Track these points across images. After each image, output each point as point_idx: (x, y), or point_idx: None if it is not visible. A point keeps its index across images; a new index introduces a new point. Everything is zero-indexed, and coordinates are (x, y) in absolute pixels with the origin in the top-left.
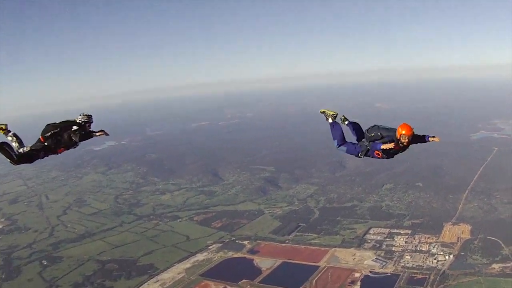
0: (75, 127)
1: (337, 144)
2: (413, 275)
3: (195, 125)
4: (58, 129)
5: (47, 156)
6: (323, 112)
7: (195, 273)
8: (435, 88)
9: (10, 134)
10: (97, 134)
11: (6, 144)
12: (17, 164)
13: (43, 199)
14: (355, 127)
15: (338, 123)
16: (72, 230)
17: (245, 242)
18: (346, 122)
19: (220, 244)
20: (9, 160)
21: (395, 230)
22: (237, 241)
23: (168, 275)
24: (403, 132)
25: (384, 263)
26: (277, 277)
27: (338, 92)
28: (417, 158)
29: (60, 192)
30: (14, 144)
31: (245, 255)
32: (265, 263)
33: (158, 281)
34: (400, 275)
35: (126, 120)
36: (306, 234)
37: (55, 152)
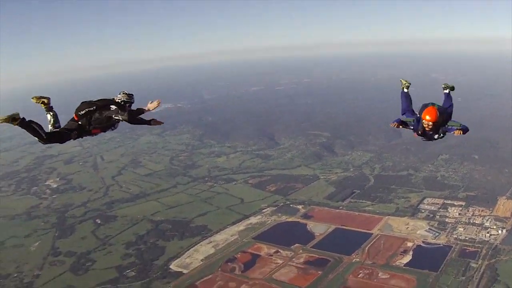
0: (113, 107)
1: (401, 113)
2: (465, 247)
3: (252, 89)
4: (94, 107)
5: (81, 137)
6: (401, 81)
7: (248, 236)
8: (493, 59)
9: (51, 112)
10: (151, 122)
11: (34, 123)
12: (46, 143)
13: (98, 160)
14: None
15: (408, 93)
16: (127, 190)
17: (299, 207)
18: (405, 90)
19: (274, 208)
20: (37, 139)
21: (449, 201)
22: (291, 205)
23: (221, 237)
24: (427, 117)
25: (437, 234)
26: (330, 243)
27: (393, 61)
28: (473, 130)
29: (115, 153)
30: (51, 120)
31: (299, 220)
32: (318, 228)
33: (211, 242)
34: (452, 246)
35: (183, 83)
36: (360, 201)
37: (90, 133)
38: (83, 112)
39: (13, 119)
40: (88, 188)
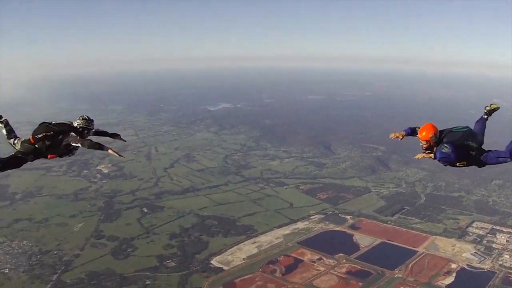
0: (72, 134)
1: None
2: (509, 275)
3: (313, 97)
4: (51, 132)
5: (36, 159)
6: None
7: (293, 240)
8: None
9: (2, 119)
10: (109, 150)
11: None
12: (2, 171)
13: (152, 151)
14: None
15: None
16: (177, 183)
17: (348, 217)
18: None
19: (323, 216)
20: None
21: (498, 227)
22: (339, 215)
23: (266, 238)
24: (423, 133)
25: (482, 259)
26: (374, 256)
27: (454, 81)
28: None
29: (170, 146)
30: (3, 131)
31: (346, 230)
32: (364, 240)
33: (255, 242)
34: (496, 272)
35: (244, 84)
36: (409, 217)
37: (46, 157)
38: (39, 136)
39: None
40: (139, 177)
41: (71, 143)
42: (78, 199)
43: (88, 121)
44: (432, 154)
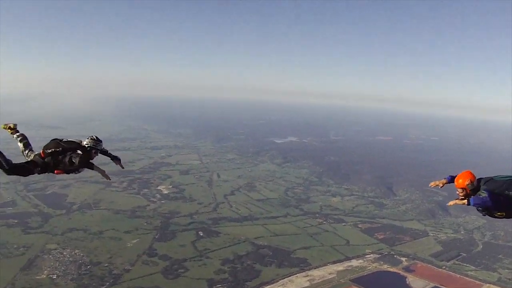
0: (79, 152)
1: None
2: None
3: (380, 138)
4: (60, 148)
5: (44, 173)
6: None
7: (345, 277)
8: None
9: (17, 134)
10: (100, 171)
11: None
12: (9, 175)
13: (214, 177)
14: None
15: None
16: (236, 211)
17: (403, 259)
18: None
19: (378, 255)
20: (1, 169)
21: None
22: (395, 256)
23: (319, 273)
24: (458, 181)
25: None
26: None
27: None
28: None
29: (232, 174)
30: (20, 145)
31: (400, 271)
32: (417, 283)
33: (307, 276)
34: None
35: (313, 120)
36: (465, 264)
37: (52, 171)
38: (49, 151)
39: (10, 127)
40: (198, 201)
41: (72, 160)
42: (135, 216)
43: (96, 141)
44: (466, 201)
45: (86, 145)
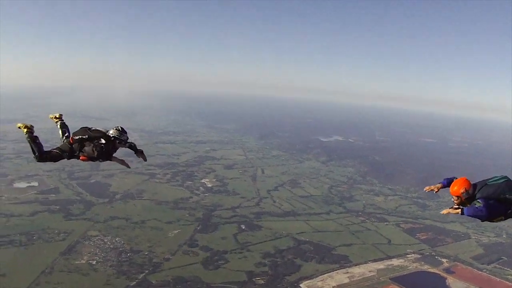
0: (102, 140)
1: None
2: None
3: (425, 140)
4: (86, 136)
5: (71, 158)
6: None
7: (385, 276)
8: None
9: (60, 123)
10: (119, 160)
11: (38, 139)
12: (40, 161)
13: (258, 172)
14: None
15: None
16: (279, 206)
17: (444, 260)
18: None
19: (419, 256)
20: (33, 154)
21: None
22: (436, 257)
23: (359, 270)
24: (453, 188)
25: None
26: None
27: None
28: None
29: (277, 170)
30: (59, 132)
31: (440, 272)
32: (457, 285)
33: (347, 272)
34: None
35: (358, 121)
36: (506, 268)
37: (77, 157)
38: (77, 137)
39: (26, 127)
40: (242, 195)
41: (93, 148)
42: (178, 208)
43: (121, 132)
44: (459, 210)
45: (111, 135)
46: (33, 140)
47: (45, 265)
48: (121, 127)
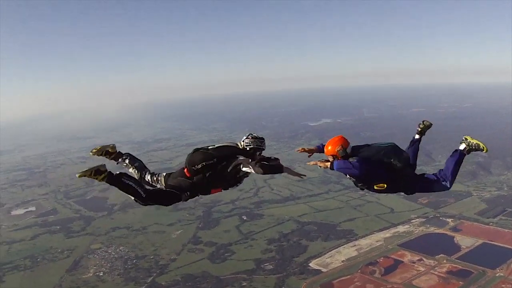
0: (240, 157)
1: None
2: None
3: (413, 110)
4: (215, 159)
5: (193, 197)
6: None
7: (393, 243)
8: None
9: (122, 158)
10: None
11: (126, 176)
12: (147, 205)
13: None
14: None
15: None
16: (277, 193)
17: (449, 220)
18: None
19: (424, 219)
20: (133, 198)
21: None
22: (441, 218)
23: (366, 242)
24: (327, 148)
25: None
26: (475, 256)
27: None
28: None
29: None
30: (132, 171)
31: (447, 232)
32: (465, 242)
33: (354, 245)
34: None
35: (344, 102)
36: (511, 219)
37: (207, 192)
38: (199, 166)
39: (97, 172)
40: (239, 188)
41: (242, 167)
42: (177, 209)
43: (259, 139)
44: (329, 163)
45: (246, 147)
46: (118, 180)
47: (52, 284)
48: (256, 134)
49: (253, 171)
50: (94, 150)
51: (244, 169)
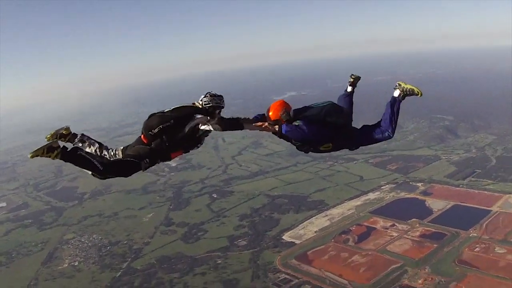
0: (198, 115)
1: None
2: None
3: (377, 79)
4: (171, 121)
5: (153, 165)
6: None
7: (364, 210)
8: None
9: (77, 138)
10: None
11: (81, 150)
12: (105, 178)
13: (219, 142)
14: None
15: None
16: (246, 169)
17: (419, 184)
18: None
19: (393, 185)
20: (91, 172)
21: None
22: (410, 183)
23: (337, 211)
24: (269, 114)
25: None
26: (448, 218)
27: None
28: None
29: (237, 136)
30: (89, 150)
31: (418, 196)
32: (437, 205)
33: (326, 215)
34: None
35: (306, 75)
36: (481, 180)
37: (167, 158)
38: (156, 130)
39: (50, 149)
40: (207, 166)
41: (200, 126)
42: (147, 192)
43: (218, 97)
44: (277, 127)
45: (205, 105)
46: (74, 155)
47: (29, 278)
48: (215, 93)
49: (212, 129)
50: (48, 136)
51: (202, 127)
